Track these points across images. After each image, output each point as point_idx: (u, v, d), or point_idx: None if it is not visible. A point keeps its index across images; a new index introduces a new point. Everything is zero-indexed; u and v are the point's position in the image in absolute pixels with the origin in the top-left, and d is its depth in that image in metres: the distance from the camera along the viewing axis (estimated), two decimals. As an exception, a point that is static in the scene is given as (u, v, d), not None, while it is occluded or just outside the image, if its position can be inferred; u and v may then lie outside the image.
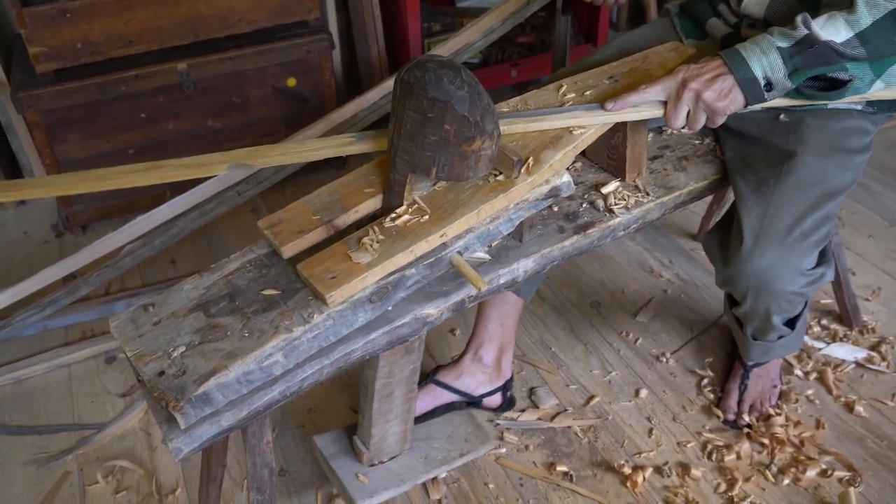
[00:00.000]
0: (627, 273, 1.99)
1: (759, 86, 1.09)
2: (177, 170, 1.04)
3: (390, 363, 1.18)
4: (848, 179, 1.24)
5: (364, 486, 1.34)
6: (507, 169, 1.05)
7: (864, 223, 2.12)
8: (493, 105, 1.01)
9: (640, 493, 1.46)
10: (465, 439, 1.45)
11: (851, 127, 1.25)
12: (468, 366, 1.55)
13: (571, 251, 1.16)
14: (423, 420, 1.48)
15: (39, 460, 1.57)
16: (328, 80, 2.27)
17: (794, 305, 1.33)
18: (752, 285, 1.27)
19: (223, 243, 2.18)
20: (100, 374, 1.77)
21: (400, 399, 1.27)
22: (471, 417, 1.51)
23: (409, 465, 1.39)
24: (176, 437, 0.92)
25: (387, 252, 0.98)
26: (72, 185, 1.03)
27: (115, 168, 1.04)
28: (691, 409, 1.62)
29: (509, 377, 1.59)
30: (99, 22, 1.96)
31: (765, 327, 1.41)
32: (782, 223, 1.21)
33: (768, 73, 1.08)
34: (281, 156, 1.08)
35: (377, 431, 1.31)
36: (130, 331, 0.98)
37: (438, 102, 0.95)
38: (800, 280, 1.26)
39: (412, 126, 0.99)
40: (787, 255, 1.22)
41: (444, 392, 1.53)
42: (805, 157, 1.22)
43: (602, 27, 2.71)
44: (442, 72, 0.95)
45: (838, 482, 1.46)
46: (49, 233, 2.26)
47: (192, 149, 2.21)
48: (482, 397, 1.56)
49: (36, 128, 2.02)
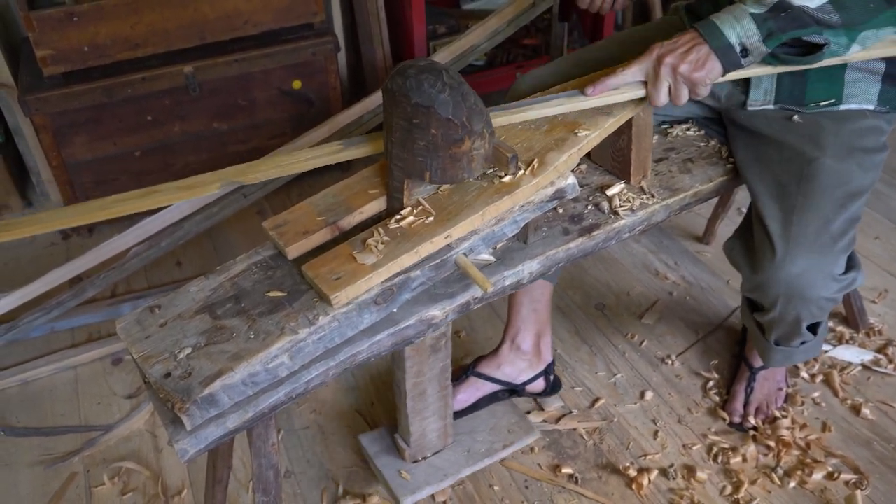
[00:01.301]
0: (633, 275, 1.99)
1: (735, 52, 1.08)
2: (171, 193, 1.05)
3: (418, 363, 1.19)
4: (869, 179, 1.24)
5: (407, 482, 1.36)
6: (503, 166, 1.05)
7: (870, 225, 2.11)
8: (480, 104, 1.00)
9: (645, 496, 1.45)
10: (508, 430, 1.47)
11: (866, 127, 1.25)
12: (507, 355, 1.56)
13: (576, 253, 1.17)
14: (468, 412, 1.50)
15: (46, 462, 1.58)
16: (333, 82, 2.28)
17: (824, 312, 1.31)
18: (784, 292, 1.24)
19: (229, 245, 2.18)
20: (106, 376, 1.78)
21: (434, 396, 1.29)
22: (514, 408, 1.52)
23: (451, 459, 1.41)
24: (182, 439, 0.93)
25: (392, 253, 0.98)
26: (71, 218, 1.03)
27: (111, 197, 1.05)
28: (697, 411, 1.62)
29: (550, 360, 1.60)
30: (106, 25, 1.97)
31: (791, 333, 1.37)
32: (810, 228, 1.20)
33: (743, 39, 1.08)
34: (272, 169, 1.09)
35: (416, 429, 1.33)
36: (137, 332, 0.98)
37: (421, 108, 0.95)
38: (833, 286, 1.24)
39: (401, 133, 0.99)
40: (819, 261, 1.20)
41: (486, 383, 1.54)
42: (825, 161, 1.21)
43: (607, 30, 2.71)
44: (422, 77, 0.95)
45: (845, 485, 1.45)
46: (56, 235, 2.26)
47: (198, 151, 2.22)
48: (524, 385, 1.57)
49: (43, 130, 2.03)
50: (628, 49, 1.26)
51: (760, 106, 1.29)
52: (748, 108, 1.30)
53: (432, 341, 1.20)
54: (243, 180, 1.07)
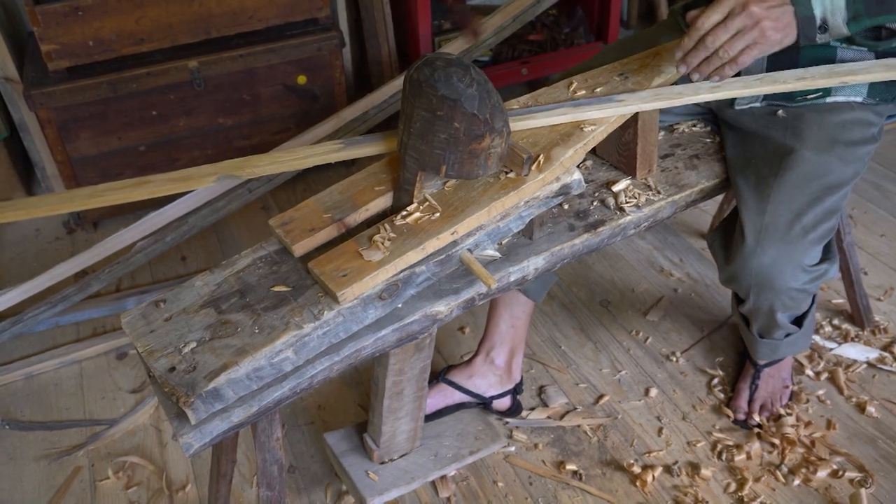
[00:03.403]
0: (638, 272, 1.99)
1: (814, 25, 1.04)
2: (164, 184, 1.04)
3: (401, 360, 1.18)
4: (850, 172, 1.23)
5: (374, 483, 1.35)
6: (517, 166, 1.05)
7: (876, 223, 2.10)
8: (502, 103, 1.01)
9: (649, 493, 1.45)
10: (475, 437, 1.45)
11: (851, 119, 1.24)
12: (480, 367, 1.54)
13: (582, 249, 1.16)
14: (434, 418, 1.49)
15: (51, 455, 1.58)
16: (338, 77, 2.27)
17: (797, 302, 1.32)
18: (754, 282, 1.26)
19: (234, 240, 2.19)
20: (111, 371, 1.78)
21: (410, 397, 1.27)
22: (481, 415, 1.51)
23: (419, 462, 1.39)
24: (186, 433, 0.93)
25: (398, 250, 0.98)
26: (59, 204, 1.02)
27: (101, 185, 1.04)
28: (701, 408, 1.62)
29: (519, 381, 1.58)
30: (111, 20, 1.97)
31: (770, 325, 1.40)
32: (782, 219, 1.20)
33: (827, 15, 1.04)
34: (270, 165, 1.08)
35: (387, 429, 1.31)
36: (141, 327, 0.98)
37: (448, 100, 0.95)
38: (802, 276, 1.25)
39: (422, 124, 0.99)
40: (788, 252, 1.21)
41: (456, 392, 1.53)
42: (803, 152, 1.21)
43: (613, 25, 2.70)
44: (451, 70, 0.95)
45: (849, 483, 1.45)
46: (61, 230, 2.27)
47: (202, 146, 2.23)
48: (492, 399, 1.56)
49: (48, 125, 2.03)
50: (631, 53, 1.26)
51: (748, 104, 1.29)
52: (736, 107, 1.30)
53: (418, 339, 1.20)
54: (240, 175, 1.07)
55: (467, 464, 1.44)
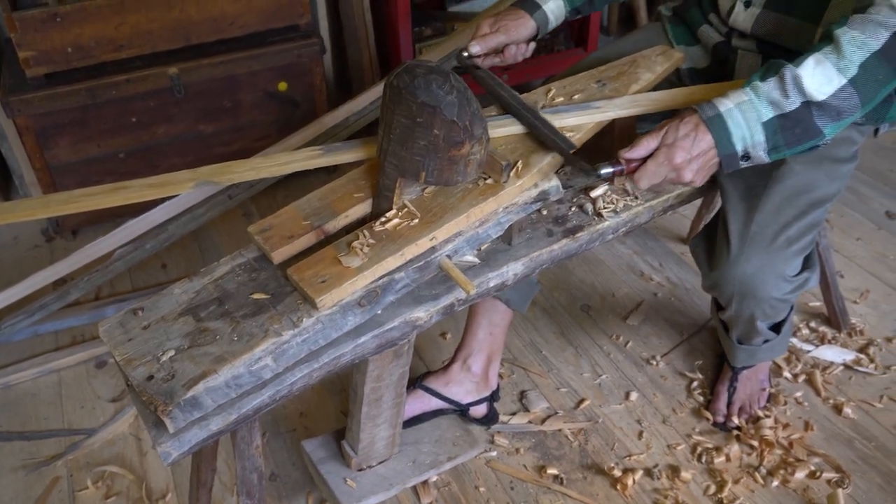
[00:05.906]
0: (618, 276, 2.00)
1: (737, 159, 1.04)
2: (141, 190, 1.03)
3: (379, 367, 1.18)
4: (834, 188, 1.25)
5: (352, 490, 1.34)
6: (495, 173, 1.06)
7: (852, 226, 2.13)
8: (481, 110, 1.02)
9: (630, 496, 1.46)
10: (453, 443, 1.46)
11: (838, 136, 1.26)
12: (456, 374, 1.55)
13: (560, 254, 1.17)
14: (411, 425, 1.49)
15: (29, 466, 1.57)
16: (319, 84, 2.27)
17: (777, 311, 1.34)
18: (737, 290, 1.28)
19: (214, 247, 2.18)
20: (90, 379, 1.77)
21: (389, 403, 1.28)
22: (459, 421, 1.51)
23: (397, 469, 1.39)
24: (165, 442, 0.92)
25: (377, 256, 0.99)
26: (34, 209, 1.01)
27: (77, 191, 1.03)
28: (681, 411, 1.63)
29: (495, 388, 1.59)
30: (90, 26, 1.96)
31: (749, 332, 1.42)
32: (769, 230, 1.23)
33: (748, 148, 1.03)
34: (248, 171, 1.08)
35: (366, 436, 1.31)
36: (120, 335, 0.98)
37: (427, 107, 0.96)
38: (784, 286, 1.28)
39: (401, 131, 0.99)
40: (771, 262, 1.23)
41: (433, 399, 1.53)
42: (793, 166, 1.23)
43: (593, 32, 2.72)
44: (431, 77, 0.96)
45: (827, 483, 1.46)
46: (39, 237, 2.25)
47: (183, 153, 2.21)
48: (469, 406, 1.56)
49: (26, 132, 2.02)
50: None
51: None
52: None
53: (397, 346, 1.20)
54: (219, 181, 1.07)
55: (445, 470, 1.44)
